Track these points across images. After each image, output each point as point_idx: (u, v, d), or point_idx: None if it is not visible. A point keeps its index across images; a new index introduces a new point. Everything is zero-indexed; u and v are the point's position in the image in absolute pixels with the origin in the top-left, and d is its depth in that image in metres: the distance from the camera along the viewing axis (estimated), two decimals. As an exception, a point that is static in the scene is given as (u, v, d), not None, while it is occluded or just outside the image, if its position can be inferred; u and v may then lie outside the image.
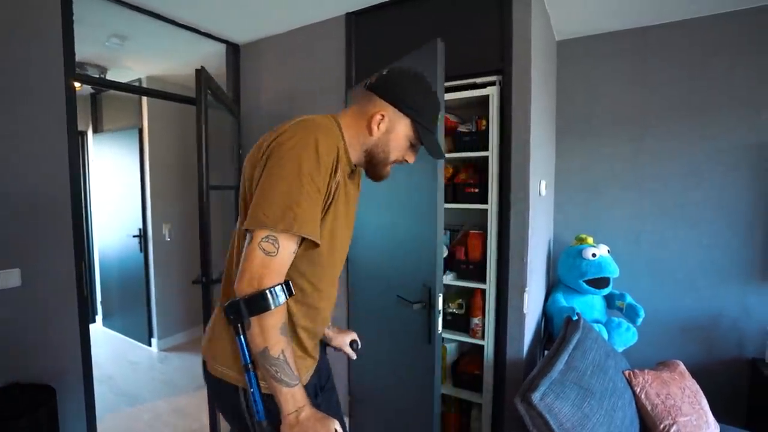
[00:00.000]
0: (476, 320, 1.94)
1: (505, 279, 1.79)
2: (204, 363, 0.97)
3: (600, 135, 2.37)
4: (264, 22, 2.35)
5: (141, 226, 3.49)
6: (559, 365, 1.54)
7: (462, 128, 1.98)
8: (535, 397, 1.37)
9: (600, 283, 2.10)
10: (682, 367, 1.76)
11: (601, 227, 2.39)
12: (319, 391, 1.08)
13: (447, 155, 1.99)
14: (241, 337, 0.83)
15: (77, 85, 3.39)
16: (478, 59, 1.81)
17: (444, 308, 2.07)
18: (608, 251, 2.15)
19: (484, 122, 1.88)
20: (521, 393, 1.47)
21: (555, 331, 2.12)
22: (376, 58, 2.10)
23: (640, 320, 2.07)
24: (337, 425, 0.83)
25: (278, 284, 0.81)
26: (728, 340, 2.12)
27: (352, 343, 1.27)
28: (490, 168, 1.82)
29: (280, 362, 0.80)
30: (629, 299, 2.16)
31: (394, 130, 0.96)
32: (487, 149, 1.82)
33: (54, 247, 1.84)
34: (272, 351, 0.80)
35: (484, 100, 1.83)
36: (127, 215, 3.58)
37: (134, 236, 3.50)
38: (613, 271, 2.08)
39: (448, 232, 2.14)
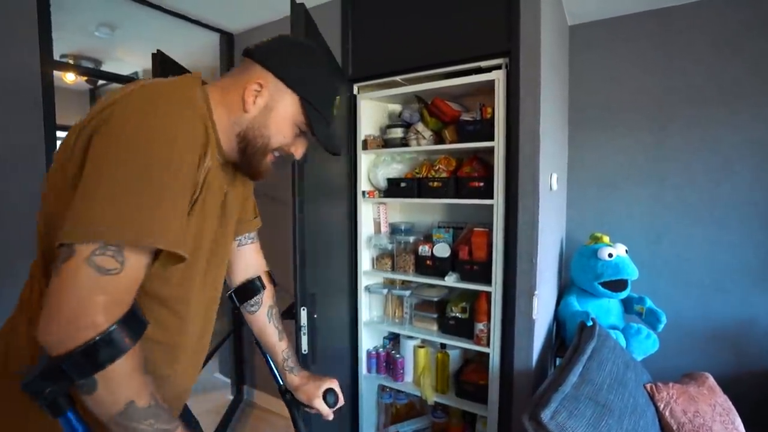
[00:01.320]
0: (481, 326, 1.78)
1: (512, 281, 1.63)
2: None
3: (617, 125, 2.19)
4: (258, 9, 2.22)
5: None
6: (573, 378, 1.38)
7: (466, 116, 1.82)
8: (545, 414, 1.22)
9: (617, 285, 1.92)
10: (711, 380, 1.58)
11: (619, 225, 2.21)
12: None
13: (450, 146, 1.84)
14: (69, 413, 0.54)
15: (71, 78, 3.34)
16: (482, 40, 1.66)
17: (447, 312, 1.92)
18: (626, 251, 1.97)
19: (489, 110, 1.72)
20: (530, 409, 1.31)
21: (568, 337, 1.95)
22: (374, 44, 1.95)
23: (661, 326, 1.88)
24: None
25: (125, 314, 0.54)
26: (761, 349, 1.93)
27: (327, 395, 0.96)
28: (495, 160, 1.66)
29: (153, 410, 0.56)
30: (649, 303, 1.98)
31: (275, 107, 0.74)
32: (492, 139, 1.66)
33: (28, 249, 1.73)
34: (140, 402, 0.55)
35: (490, 86, 1.67)
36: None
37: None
38: (632, 272, 1.90)
39: (451, 230, 1.99)
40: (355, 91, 2.02)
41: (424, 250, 1.94)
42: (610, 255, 1.92)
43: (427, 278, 1.91)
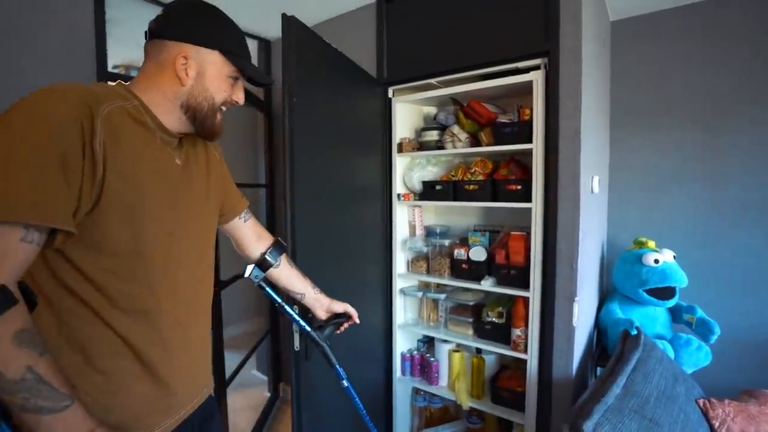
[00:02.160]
0: (518, 331, 1.74)
1: (551, 287, 1.59)
2: None
3: (664, 125, 2.09)
4: (294, 14, 2.27)
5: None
6: (616, 389, 1.33)
7: (503, 118, 1.79)
8: (587, 427, 1.18)
9: (664, 293, 1.83)
10: (772, 397, 1.47)
11: (665, 230, 2.10)
12: None
13: (487, 149, 1.81)
14: None
15: (121, 88, 3.54)
16: (520, 40, 1.62)
17: (483, 317, 1.89)
18: (674, 257, 1.88)
19: (527, 112, 1.69)
20: (570, 420, 1.27)
21: (609, 346, 1.87)
22: (409, 47, 1.96)
23: (714, 338, 1.78)
24: None
25: None
26: (828, 365, 1.78)
27: (337, 317, 1.23)
28: (534, 162, 1.62)
29: (28, 383, 0.56)
30: (700, 313, 1.87)
31: (205, 70, 0.79)
32: (530, 141, 1.63)
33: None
34: (10, 372, 0.56)
35: (528, 87, 1.64)
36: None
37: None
38: (680, 280, 1.81)
39: (487, 234, 1.96)
40: (390, 95, 2.03)
41: (459, 253, 1.92)
42: (656, 261, 1.83)
43: (463, 282, 1.90)
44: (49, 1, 1.74)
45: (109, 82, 0.78)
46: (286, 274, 1.17)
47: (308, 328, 1.22)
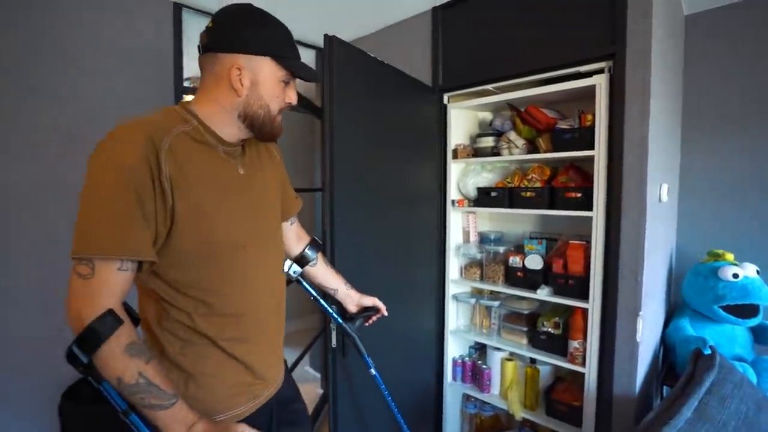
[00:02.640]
0: (576, 343, 1.68)
1: (612, 299, 1.52)
2: None
3: (743, 128, 1.91)
4: (351, 25, 2.35)
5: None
6: (687, 412, 1.25)
7: (562, 124, 1.74)
8: (654, 450, 1.12)
9: (744, 311, 1.68)
10: None
11: (746, 243, 1.92)
12: (275, 428, 0.97)
13: (545, 155, 1.77)
14: (104, 383, 0.70)
15: (191, 98, 3.84)
16: (582, 44, 1.57)
17: (538, 326, 1.85)
18: (758, 272, 1.72)
19: (589, 117, 1.63)
20: (634, 441, 1.22)
21: (678, 364, 1.75)
22: (465, 53, 1.96)
23: (805, 363, 1.61)
24: (244, 428, 0.73)
25: (104, 311, 0.68)
26: None
27: (365, 311, 1.31)
28: (596, 170, 1.56)
29: (143, 386, 0.68)
30: (788, 334, 1.70)
31: (258, 78, 0.81)
32: (592, 148, 1.57)
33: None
34: (126, 377, 0.68)
35: (590, 91, 1.58)
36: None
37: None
38: (765, 297, 1.65)
39: (544, 242, 1.91)
40: (446, 101, 2.04)
41: (514, 261, 1.89)
42: (736, 275, 1.68)
43: (518, 290, 1.86)
44: (136, 22, 1.93)
45: (174, 105, 0.85)
46: (321, 271, 1.25)
47: (340, 320, 1.34)
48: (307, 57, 2.75)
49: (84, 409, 1.54)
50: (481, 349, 2.21)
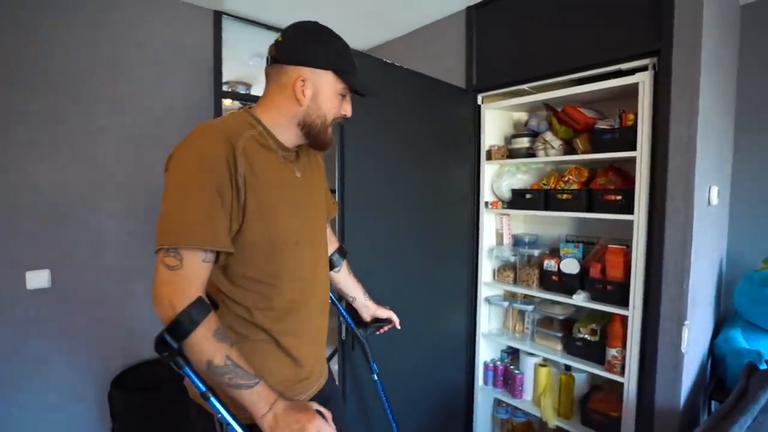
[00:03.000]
0: (614, 351, 1.62)
1: (655, 307, 1.45)
2: None
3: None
4: (385, 26, 2.37)
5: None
6: (738, 430, 1.18)
7: (602, 124, 1.68)
8: (699, 468, 1.07)
9: (803, 323, 1.57)
10: None
11: (805, 248, 1.79)
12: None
13: (583, 157, 1.72)
14: (186, 368, 0.74)
15: (228, 101, 3.98)
16: (624, 40, 1.51)
17: (573, 333, 1.79)
18: (820, 282, 1.59)
19: (631, 117, 1.56)
20: (677, 456, 1.16)
21: (727, 378, 1.65)
22: (500, 53, 1.93)
23: None
24: (317, 406, 0.78)
25: (193, 300, 0.72)
26: None
27: (377, 323, 1.30)
28: (637, 172, 1.50)
29: (230, 367, 0.74)
30: None
31: (320, 90, 0.87)
32: (634, 149, 1.50)
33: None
34: (216, 360, 0.73)
35: (631, 90, 1.52)
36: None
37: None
38: (828, 309, 1.53)
39: (581, 246, 1.85)
40: (480, 101, 2.01)
41: (549, 264, 1.84)
42: (794, 285, 1.57)
43: (553, 294, 1.81)
44: (179, 31, 2.03)
45: (239, 109, 0.92)
46: (344, 277, 1.27)
47: (353, 325, 1.35)
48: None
49: (130, 396, 1.66)
50: (513, 354, 2.16)
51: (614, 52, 1.53)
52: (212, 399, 0.74)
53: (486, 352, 2.13)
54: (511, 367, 2.02)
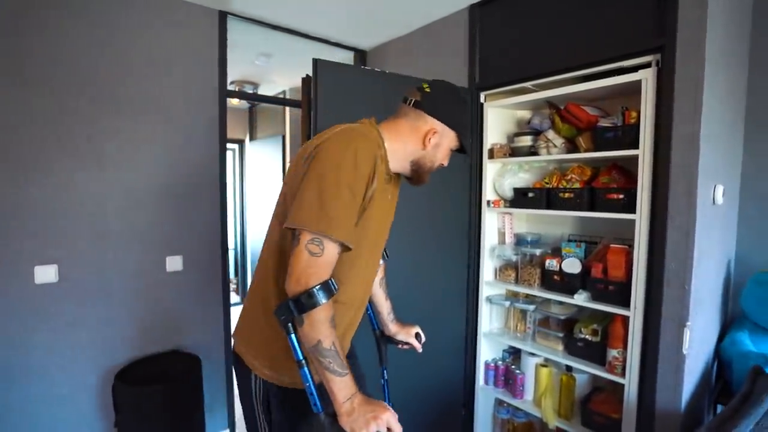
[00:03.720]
0: (615, 352, 1.60)
1: (656, 308, 1.43)
2: (237, 353, 1.06)
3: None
4: (388, 26, 2.37)
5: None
6: (739, 433, 1.15)
7: (604, 122, 1.66)
8: (697, 471, 1.05)
9: (812, 326, 1.53)
10: None
11: (816, 249, 1.74)
12: None
13: (585, 155, 1.70)
14: (293, 335, 0.85)
15: (235, 101, 4.02)
16: (627, 37, 1.49)
17: (575, 333, 1.77)
18: (829, 284, 1.55)
19: (633, 114, 1.54)
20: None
21: (734, 381, 1.62)
22: (503, 51, 1.91)
23: None
24: (386, 406, 0.85)
25: (323, 282, 0.82)
26: None
27: (417, 336, 1.32)
28: (640, 170, 1.47)
29: (332, 353, 0.82)
30: None
31: (442, 143, 1.04)
32: (636, 147, 1.48)
33: (206, 239, 2.16)
34: (325, 343, 0.82)
35: (635, 88, 1.49)
36: (271, 212, 4.06)
37: (276, 231, 3.93)
38: (836, 311, 1.49)
39: (583, 245, 1.83)
40: (482, 100, 2.00)
41: (551, 264, 1.82)
42: (802, 286, 1.53)
43: (554, 294, 1.80)
44: (185, 31, 2.05)
45: (361, 122, 1.03)
46: (376, 288, 1.31)
47: (377, 328, 1.36)
48: (347, 58, 2.81)
49: (133, 389, 1.69)
50: (515, 354, 2.15)
51: (617, 50, 1.51)
52: (305, 368, 0.86)
53: (487, 351, 2.12)
54: (513, 367, 2.01)
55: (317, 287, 0.81)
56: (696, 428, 1.48)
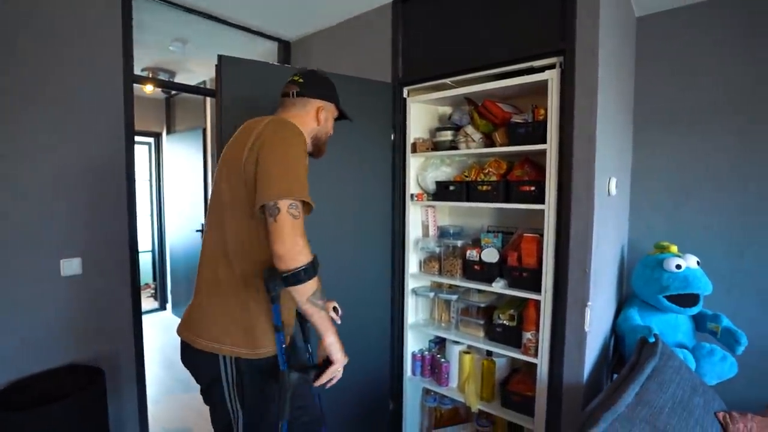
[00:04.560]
0: (529, 335, 1.71)
1: (562, 291, 1.56)
2: (185, 343, 1.12)
3: (693, 125, 2.00)
4: (312, 17, 2.31)
5: (204, 221, 3.67)
6: (628, 398, 1.29)
7: (517, 118, 1.76)
8: (594, 435, 1.15)
9: (685, 300, 1.76)
10: (799, 413, 1.39)
11: (692, 236, 2.02)
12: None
13: (501, 149, 1.79)
14: (277, 304, 1.03)
15: (149, 89, 3.69)
16: (535, 40, 1.60)
17: (494, 319, 1.87)
18: (698, 263, 1.80)
19: (542, 111, 1.65)
20: (577, 427, 1.25)
21: (627, 353, 1.82)
22: (424, 47, 1.96)
23: (741, 349, 1.69)
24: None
25: (312, 255, 1.01)
26: None
27: (334, 310, 1.41)
28: (548, 163, 1.59)
29: (321, 293, 1.03)
30: (726, 322, 1.79)
31: (328, 116, 1.28)
32: (545, 142, 1.60)
33: (111, 240, 1.95)
34: (318, 286, 1.02)
35: (543, 86, 1.61)
36: (193, 211, 3.80)
37: (197, 231, 3.69)
38: (704, 286, 1.73)
39: (500, 235, 1.94)
40: (405, 95, 2.03)
41: (472, 254, 1.90)
42: (678, 266, 1.76)
43: (475, 283, 1.88)
44: (79, 5, 1.83)
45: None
46: None
47: (284, 366, 1.40)
48: (270, 49, 2.70)
49: (16, 415, 1.46)
50: (440, 343, 2.22)
51: (527, 50, 1.61)
52: (281, 332, 1.06)
53: (414, 343, 2.16)
54: (438, 356, 2.07)
55: (310, 259, 0.99)
56: (594, 397, 1.64)
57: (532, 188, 1.69)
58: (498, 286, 1.78)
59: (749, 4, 1.84)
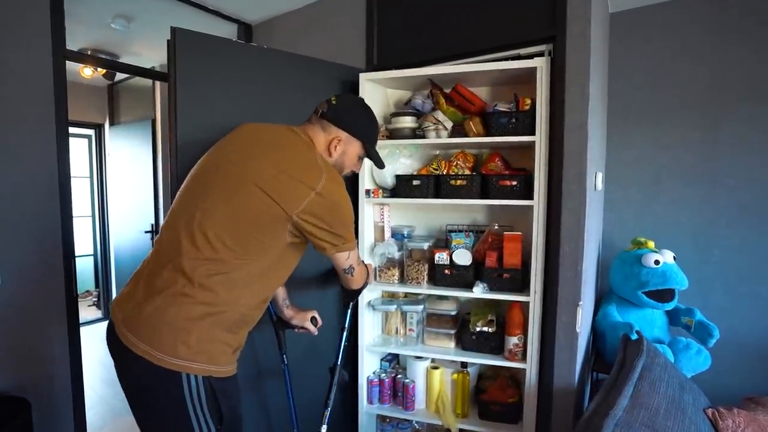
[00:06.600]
0: (515, 339, 1.59)
1: (554, 291, 1.48)
2: (129, 350, 0.95)
3: (662, 121, 2.02)
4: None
5: (153, 222, 3.34)
6: (623, 400, 1.23)
7: (502, 107, 1.61)
8: (599, 445, 1.07)
9: (663, 295, 1.75)
10: (780, 406, 1.41)
11: (662, 230, 2.03)
12: None
13: (476, 139, 1.64)
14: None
15: (88, 73, 3.30)
16: (524, 26, 1.51)
17: (471, 327, 1.70)
18: (674, 258, 1.80)
19: (527, 101, 1.56)
20: (578, 437, 1.17)
21: (606, 351, 1.79)
22: (401, 33, 1.82)
23: (713, 341, 1.72)
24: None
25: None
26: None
27: (312, 320, 1.38)
28: (536, 156, 1.50)
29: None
30: (699, 315, 1.81)
31: (347, 150, 1.16)
32: (532, 133, 1.51)
33: (39, 245, 1.66)
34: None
35: (525, 75, 1.52)
36: (141, 210, 3.45)
37: (146, 232, 3.35)
38: (681, 281, 1.73)
39: (472, 235, 1.78)
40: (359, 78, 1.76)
41: (441, 257, 1.68)
42: (657, 262, 1.75)
43: (447, 290, 1.68)
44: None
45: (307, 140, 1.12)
46: None
47: (275, 316, 1.43)
48: (230, 31, 2.46)
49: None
50: (393, 361, 1.99)
51: (515, 37, 1.53)
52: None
53: (369, 366, 1.88)
54: (399, 377, 1.83)
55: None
56: (580, 397, 1.59)
57: (514, 183, 1.58)
58: (479, 291, 1.61)
59: (717, 3, 1.87)
